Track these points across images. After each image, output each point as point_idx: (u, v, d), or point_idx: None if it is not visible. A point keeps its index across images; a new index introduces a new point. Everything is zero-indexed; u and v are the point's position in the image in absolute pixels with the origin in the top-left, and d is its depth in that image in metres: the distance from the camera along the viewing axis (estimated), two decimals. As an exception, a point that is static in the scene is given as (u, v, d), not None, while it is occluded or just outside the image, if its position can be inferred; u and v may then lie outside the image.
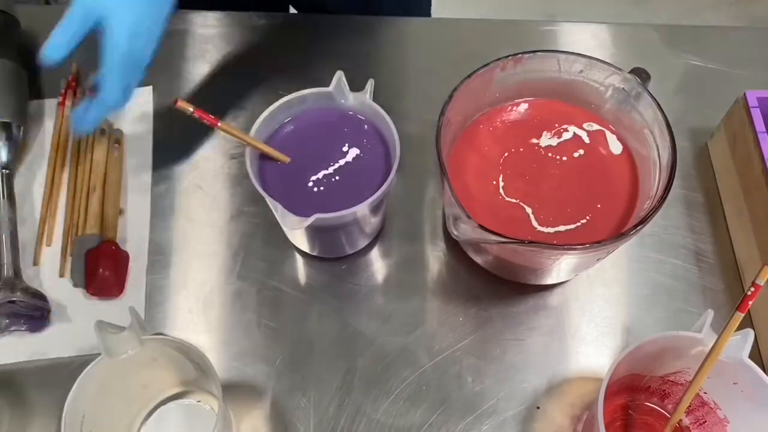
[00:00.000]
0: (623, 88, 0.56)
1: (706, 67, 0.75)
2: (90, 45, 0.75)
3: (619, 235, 0.50)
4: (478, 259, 0.61)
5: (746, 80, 0.73)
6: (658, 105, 0.54)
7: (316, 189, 0.55)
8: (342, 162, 0.57)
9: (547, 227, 0.55)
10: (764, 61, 0.75)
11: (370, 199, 0.51)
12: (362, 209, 0.52)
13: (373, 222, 0.60)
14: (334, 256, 0.63)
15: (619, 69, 0.56)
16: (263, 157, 0.56)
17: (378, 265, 0.63)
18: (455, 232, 0.48)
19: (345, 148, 0.57)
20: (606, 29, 0.78)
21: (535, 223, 0.55)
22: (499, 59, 0.57)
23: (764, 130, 0.59)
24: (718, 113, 0.66)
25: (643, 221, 0.50)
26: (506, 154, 0.59)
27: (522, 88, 0.60)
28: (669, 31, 0.78)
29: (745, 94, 0.61)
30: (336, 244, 0.61)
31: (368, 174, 0.56)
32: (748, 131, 0.60)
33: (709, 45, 0.76)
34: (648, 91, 0.54)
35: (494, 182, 0.58)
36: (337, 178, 0.56)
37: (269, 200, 0.52)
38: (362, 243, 0.62)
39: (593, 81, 0.58)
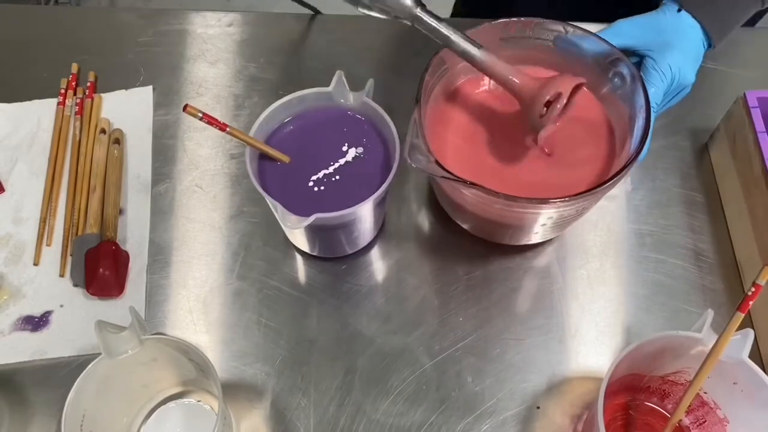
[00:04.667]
0: (622, 73, 0.56)
1: (705, 67, 0.75)
2: (90, 45, 0.76)
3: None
4: (466, 225, 0.61)
5: (746, 80, 0.73)
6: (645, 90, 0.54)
7: (316, 189, 0.55)
8: (342, 161, 0.57)
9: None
10: (764, 61, 0.75)
11: (370, 199, 0.51)
12: (362, 209, 0.52)
13: (372, 221, 0.60)
14: (334, 255, 0.63)
15: (621, 52, 0.56)
16: (263, 156, 0.56)
17: (378, 264, 0.63)
18: (409, 160, 0.50)
19: (345, 148, 0.57)
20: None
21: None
22: (506, 19, 0.57)
23: (764, 130, 0.59)
24: (718, 113, 0.66)
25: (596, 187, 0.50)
26: (492, 116, 0.60)
27: (528, 56, 0.60)
28: (669, 31, 0.77)
29: (745, 94, 0.61)
30: (336, 243, 0.61)
31: (368, 173, 0.56)
32: (748, 131, 0.60)
33: (709, 45, 0.76)
34: (642, 82, 0.55)
35: (474, 138, 0.59)
36: (337, 177, 0.56)
37: (269, 200, 0.52)
38: (362, 242, 0.62)
39: (595, 59, 0.57)
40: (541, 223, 0.55)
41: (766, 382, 0.45)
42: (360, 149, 0.57)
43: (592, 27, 0.79)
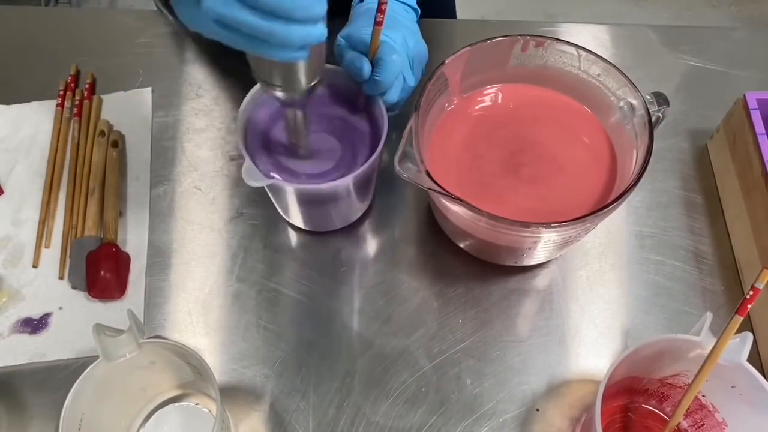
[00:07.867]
0: (634, 105, 0.56)
1: (705, 68, 0.75)
2: (89, 47, 0.76)
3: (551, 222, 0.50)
4: (462, 243, 0.61)
5: (746, 81, 0.73)
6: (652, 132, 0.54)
7: (304, 157, 0.57)
8: (330, 131, 0.58)
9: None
10: (764, 61, 0.75)
11: (350, 176, 0.52)
12: (346, 181, 0.53)
13: (363, 194, 0.60)
14: (325, 229, 0.64)
15: (636, 87, 0.55)
16: (255, 130, 0.57)
17: (378, 266, 0.63)
18: (398, 168, 0.50)
19: (336, 119, 0.58)
20: (606, 30, 0.78)
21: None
22: (520, 35, 0.58)
23: (764, 131, 0.59)
24: (718, 114, 0.66)
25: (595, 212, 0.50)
26: (494, 132, 0.60)
27: (540, 75, 0.60)
28: (668, 31, 0.78)
29: (744, 95, 0.61)
30: (325, 217, 0.62)
31: (358, 146, 0.57)
32: (747, 133, 0.60)
33: (709, 45, 0.76)
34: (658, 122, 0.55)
35: (473, 152, 0.59)
36: (324, 150, 0.57)
37: (246, 158, 0.52)
38: (353, 217, 0.63)
39: (608, 90, 0.58)
40: (527, 246, 0.55)
41: (764, 386, 0.45)
42: (350, 120, 0.58)
43: (591, 27, 0.79)
